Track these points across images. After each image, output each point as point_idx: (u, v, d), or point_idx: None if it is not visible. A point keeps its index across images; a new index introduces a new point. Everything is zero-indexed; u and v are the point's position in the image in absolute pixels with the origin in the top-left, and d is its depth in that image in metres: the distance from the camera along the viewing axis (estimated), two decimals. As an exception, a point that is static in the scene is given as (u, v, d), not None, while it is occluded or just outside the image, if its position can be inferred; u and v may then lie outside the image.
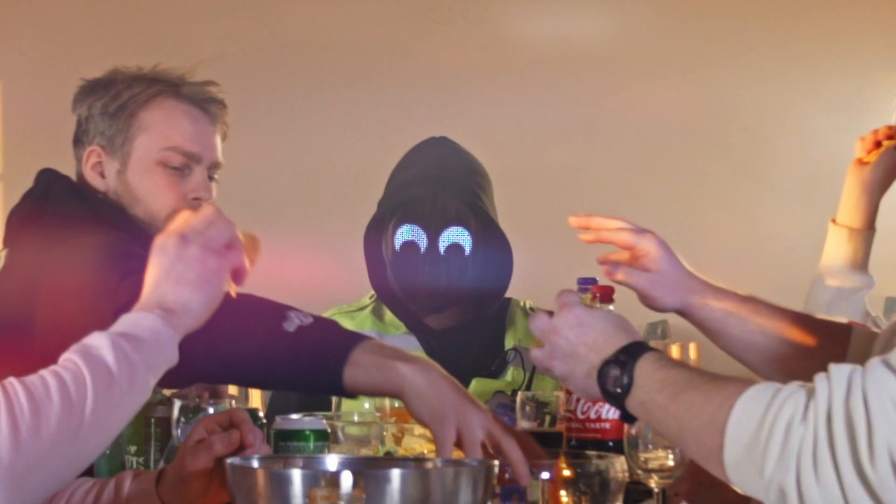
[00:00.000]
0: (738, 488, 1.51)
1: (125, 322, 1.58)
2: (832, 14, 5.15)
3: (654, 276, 2.01)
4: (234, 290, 1.69)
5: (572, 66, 5.18)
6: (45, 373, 1.49)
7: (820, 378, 1.45)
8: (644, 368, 1.66)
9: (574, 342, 1.75)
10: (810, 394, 1.44)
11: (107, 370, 1.50)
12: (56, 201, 2.30)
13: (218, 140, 2.45)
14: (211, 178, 2.43)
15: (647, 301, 2.03)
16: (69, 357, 1.52)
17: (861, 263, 2.78)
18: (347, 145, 4.79)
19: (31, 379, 1.48)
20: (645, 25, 5.22)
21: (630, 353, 1.69)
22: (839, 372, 1.45)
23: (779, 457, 1.43)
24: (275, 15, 4.96)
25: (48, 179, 2.35)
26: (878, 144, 2.65)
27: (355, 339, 1.95)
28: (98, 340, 1.54)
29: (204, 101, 2.42)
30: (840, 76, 5.10)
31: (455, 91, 5.09)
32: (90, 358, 1.51)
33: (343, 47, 5.05)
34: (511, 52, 5.20)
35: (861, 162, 2.71)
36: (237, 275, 1.67)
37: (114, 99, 2.36)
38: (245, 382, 2.07)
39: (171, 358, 1.59)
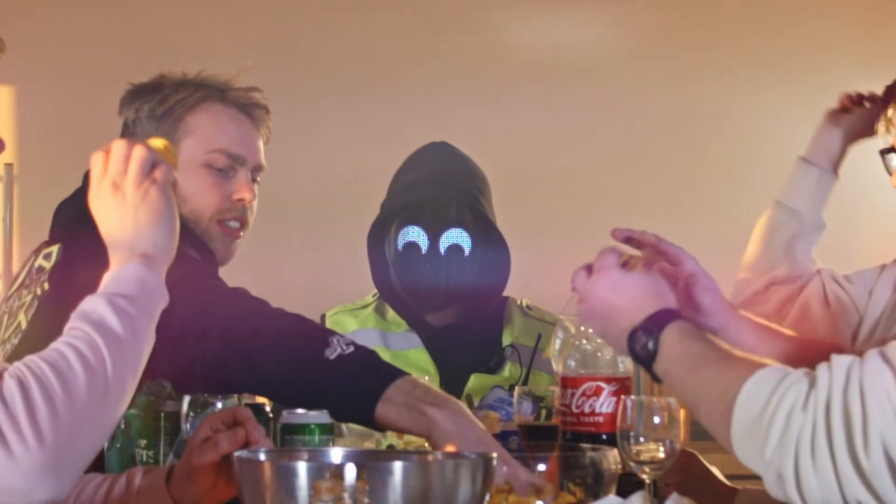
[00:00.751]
0: (743, 462, 1.52)
1: (113, 281, 1.61)
2: (810, 29, 5.17)
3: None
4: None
5: (565, 74, 5.19)
6: (59, 346, 1.50)
7: (822, 368, 1.46)
8: (668, 339, 1.68)
9: (608, 305, 1.78)
10: (812, 382, 1.45)
11: (113, 331, 1.53)
12: None
13: (261, 143, 2.48)
14: (254, 180, 2.45)
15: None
16: (76, 326, 1.54)
17: (821, 206, 2.76)
18: (352, 150, 4.79)
19: (51, 355, 1.49)
20: (636, 37, 5.23)
21: (657, 322, 1.71)
22: (839, 362, 1.45)
23: (778, 442, 1.43)
24: (284, 26, 4.96)
25: None
26: (860, 102, 2.64)
27: (391, 374, 1.98)
28: (96, 304, 1.56)
29: (248, 106, 2.45)
30: (817, 87, 5.10)
31: (455, 97, 5.09)
32: (95, 323, 1.53)
33: (349, 56, 5.05)
34: (507, 60, 5.20)
35: (840, 112, 2.71)
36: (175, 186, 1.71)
37: (161, 103, 2.39)
38: (278, 400, 2.07)
39: (162, 298, 1.64)
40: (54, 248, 2.30)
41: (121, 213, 1.66)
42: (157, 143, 1.78)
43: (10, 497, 1.43)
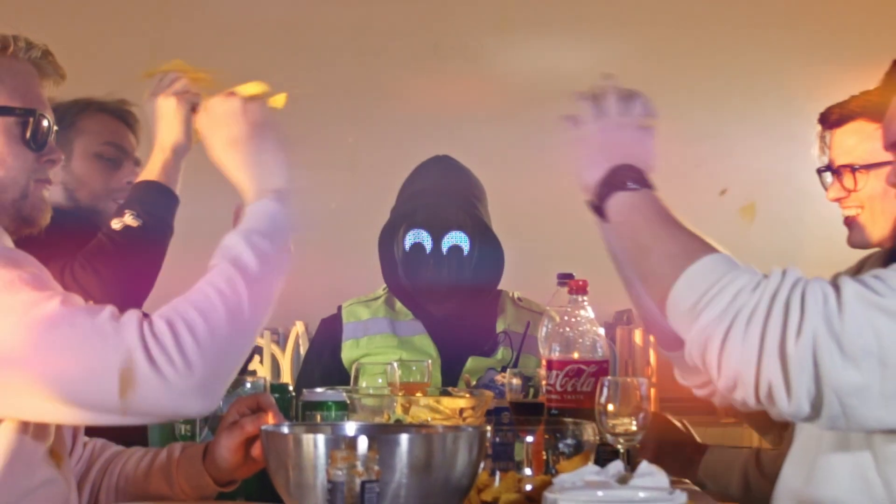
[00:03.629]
0: (670, 317, 1.50)
1: (249, 217, 1.61)
2: (764, 53, 5.17)
3: None
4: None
5: (557, 95, 5.17)
6: (203, 285, 1.52)
7: (776, 270, 1.45)
8: (650, 189, 1.67)
9: (618, 135, 1.75)
10: (764, 277, 1.44)
11: (249, 267, 1.54)
12: None
13: (134, 140, 2.67)
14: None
15: None
16: (217, 263, 1.55)
17: None
18: (365, 162, 4.79)
19: (195, 296, 1.50)
20: (618, 62, 5.22)
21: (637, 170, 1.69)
22: (793, 270, 1.45)
23: (722, 310, 1.42)
24: (303, 49, 4.96)
25: None
26: None
27: None
28: (235, 241, 1.57)
29: (124, 113, 2.65)
30: (772, 105, 5.12)
31: (456, 115, 5.08)
32: (234, 259, 1.54)
33: (362, 78, 5.05)
34: (503, 82, 5.20)
35: None
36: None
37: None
38: None
39: (293, 228, 1.64)
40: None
41: (244, 161, 1.66)
42: (255, 87, 1.76)
43: (168, 413, 1.49)
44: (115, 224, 2.30)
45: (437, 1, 5.21)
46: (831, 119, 2.12)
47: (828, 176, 2.10)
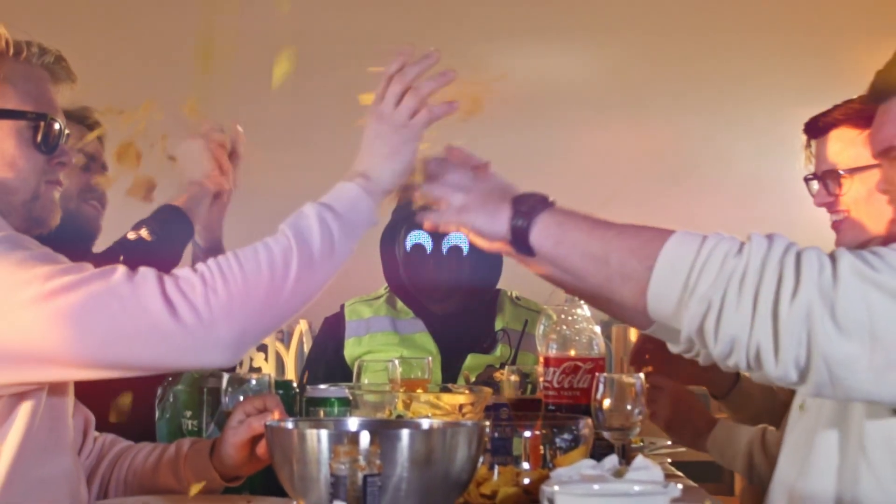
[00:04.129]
0: (650, 305, 1.45)
1: (334, 192, 1.59)
2: (754, 60, 5.17)
3: None
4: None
5: (553, 101, 5.19)
6: (259, 245, 1.50)
7: (756, 234, 1.43)
8: (561, 207, 1.57)
9: (493, 184, 1.63)
10: (743, 242, 1.43)
11: (311, 243, 1.52)
12: None
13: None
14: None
15: None
16: (282, 229, 1.53)
17: None
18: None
19: (246, 253, 1.49)
20: (612, 69, 5.23)
21: (534, 196, 1.58)
22: (779, 236, 1.43)
23: (715, 277, 1.40)
24: (309, 55, 4.95)
25: None
26: None
27: None
28: (309, 212, 1.55)
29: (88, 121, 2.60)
30: (761, 111, 5.13)
31: (453, 119, 5.08)
32: (299, 231, 1.52)
33: (364, 84, 5.04)
34: (503, 88, 5.20)
35: None
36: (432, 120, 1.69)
37: None
38: None
39: (370, 220, 1.61)
40: None
41: (373, 139, 1.64)
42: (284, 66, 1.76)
43: (190, 364, 1.49)
44: (131, 235, 2.33)
45: (436, 9, 5.22)
46: (815, 128, 2.12)
47: (814, 184, 2.11)
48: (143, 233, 2.33)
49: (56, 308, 1.42)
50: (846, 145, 2.05)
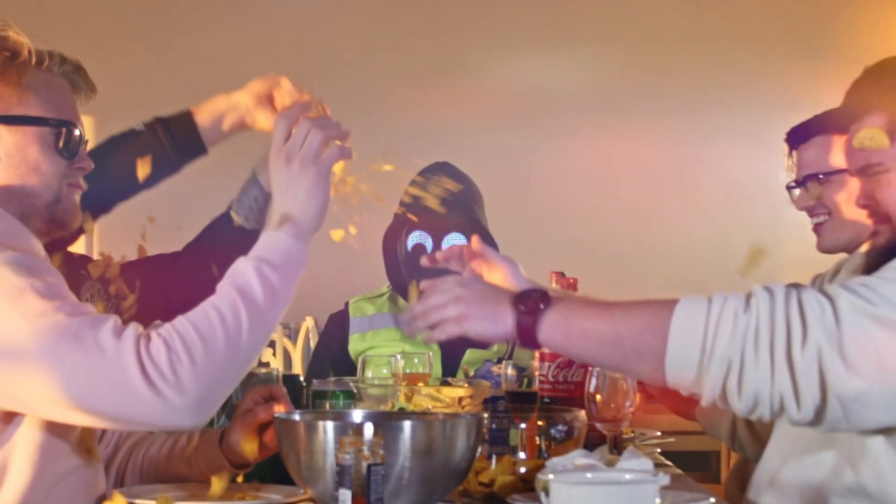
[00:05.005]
0: (673, 380, 1.43)
1: (264, 246, 1.55)
2: (739, 68, 5.18)
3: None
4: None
5: (547, 106, 5.19)
6: (207, 307, 1.47)
7: (759, 287, 1.43)
8: (561, 296, 1.53)
9: (477, 291, 1.55)
10: (747, 297, 1.42)
11: (255, 298, 1.49)
12: None
13: None
14: None
15: None
16: (223, 287, 1.50)
17: None
18: (369, 170, 4.79)
19: (197, 315, 1.46)
20: (603, 75, 5.23)
21: (534, 290, 1.52)
22: (777, 286, 1.43)
23: (730, 338, 1.40)
24: (315, 63, 4.96)
25: None
26: None
27: None
28: (245, 268, 1.51)
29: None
30: (747, 116, 5.13)
31: (454, 124, 5.09)
32: (241, 288, 1.49)
33: (364, 91, 5.05)
34: (498, 94, 5.20)
35: None
36: (343, 158, 1.63)
37: None
38: None
39: (304, 262, 1.57)
40: None
41: (287, 182, 1.58)
42: (318, 113, 1.70)
43: (161, 426, 1.45)
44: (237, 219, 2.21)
45: (438, 19, 5.22)
46: (796, 137, 2.13)
47: (796, 192, 2.12)
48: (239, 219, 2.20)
49: (41, 348, 1.40)
50: (825, 151, 2.06)
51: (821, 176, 2.04)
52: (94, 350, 1.40)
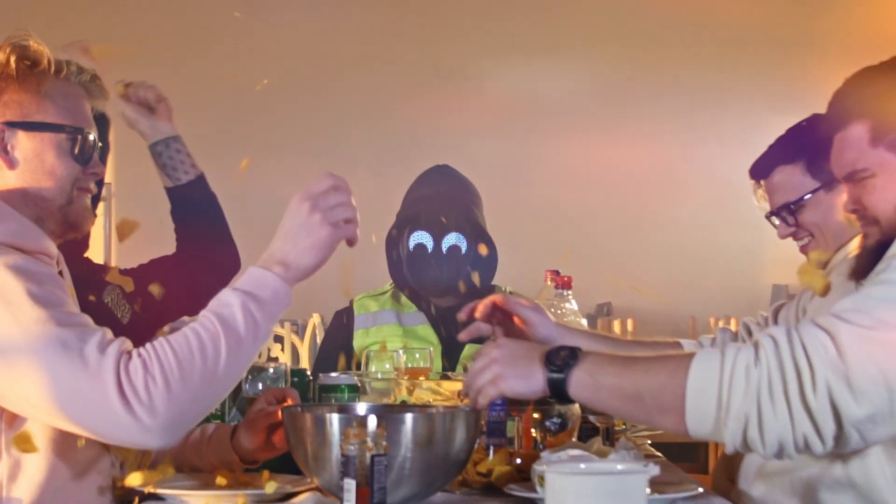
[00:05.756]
0: (694, 432, 1.45)
1: (253, 280, 1.52)
2: (726, 72, 5.19)
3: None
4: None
5: (545, 112, 5.20)
6: (188, 332, 1.46)
7: (764, 335, 1.45)
8: (587, 351, 1.55)
9: (509, 352, 1.58)
10: (755, 347, 1.44)
11: (237, 329, 1.47)
12: None
13: None
14: None
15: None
16: (207, 316, 1.48)
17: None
18: (372, 172, 4.80)
19: (178, 340, 1.45)
20: (597, 82, 5.23)
21: (562, 347, 1.56)
22: (778, 330, 1.44)
23: (744, 393, 1.41)
24: (322, 70, 4.97)
25: None
26: None
27: None
28: (231, 301, 1.49)
29: None
30: (733, 118, 5.14)
31: (455, 129, 5.10)
32: (224, 320, 1.47)
33: (371, 97, 5.05)
34: (498, 100, 5.21)
35: None
36: (350, 242, 1.58)
37: None
38: None
39: (287, 303, 1.54)
40: None
41: (299, 226, 1.54)
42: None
43: (130, 443, 1.44)
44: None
45: (439, 27, 5.23)
46: (758, 171, 2.15)
47: (776, 220, 2.13)
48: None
49: (29, 353, 1.41)
50: (790, 177, 2.08)
51: (792, 206, 2.06)
52: (78, 361, 1.40)
